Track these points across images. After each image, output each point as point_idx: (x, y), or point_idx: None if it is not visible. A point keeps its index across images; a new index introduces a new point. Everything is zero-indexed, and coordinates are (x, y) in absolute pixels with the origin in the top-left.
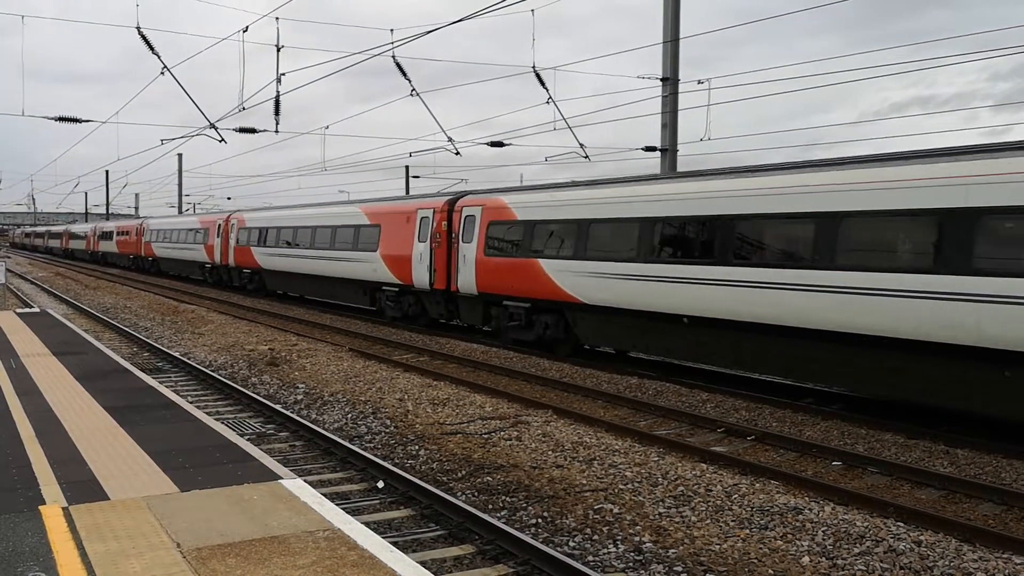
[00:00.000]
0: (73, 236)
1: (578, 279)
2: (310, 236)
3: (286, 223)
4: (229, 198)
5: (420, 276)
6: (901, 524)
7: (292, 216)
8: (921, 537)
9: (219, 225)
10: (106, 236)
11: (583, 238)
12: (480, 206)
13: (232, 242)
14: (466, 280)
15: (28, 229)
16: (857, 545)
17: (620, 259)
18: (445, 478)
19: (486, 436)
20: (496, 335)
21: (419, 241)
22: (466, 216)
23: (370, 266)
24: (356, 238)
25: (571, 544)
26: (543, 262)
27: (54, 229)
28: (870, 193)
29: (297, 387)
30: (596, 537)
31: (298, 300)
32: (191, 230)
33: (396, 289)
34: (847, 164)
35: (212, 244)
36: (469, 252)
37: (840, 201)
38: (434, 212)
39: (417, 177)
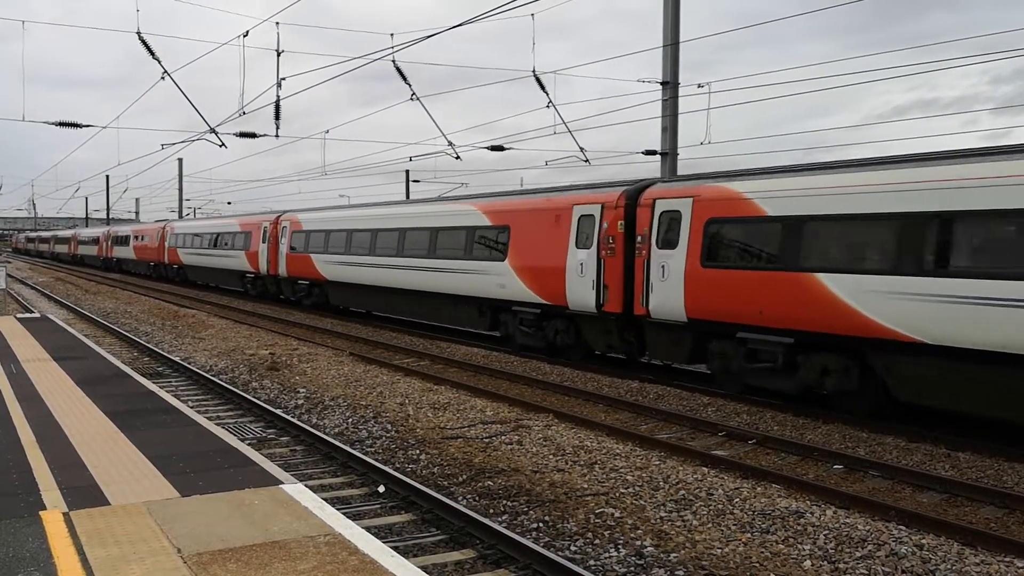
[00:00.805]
0: (83, 241)
1: (903, 305)
2: (397, 241)
3: (360, 225)
4: (229, 203)
5: (579, 294)
6: (903, 528)
7: (367, 217)
8: (923, 541)
9: (265, 228)
10: (121, 241)
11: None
12: (690, 197)
13: (283, 248)
14: (666, 301)
15: (32, 234)
16: (859, 549)
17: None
18: (446, 482)
19: (487, 440)
20: (714, 379)
21: (577, 247)
22: (662, 212)
23: (494, 279)
24: (470, 243)
25: (572, 548)
26: (825, 278)
27: (61, 233)
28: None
29: (298, 392)
30: (597, 541)
31: (299, 307)
32: (229, 234)
33: (537, 310)
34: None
35: (256, 251)
36: (673, 262)
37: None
38: (603, 208)
39: (417, 181)
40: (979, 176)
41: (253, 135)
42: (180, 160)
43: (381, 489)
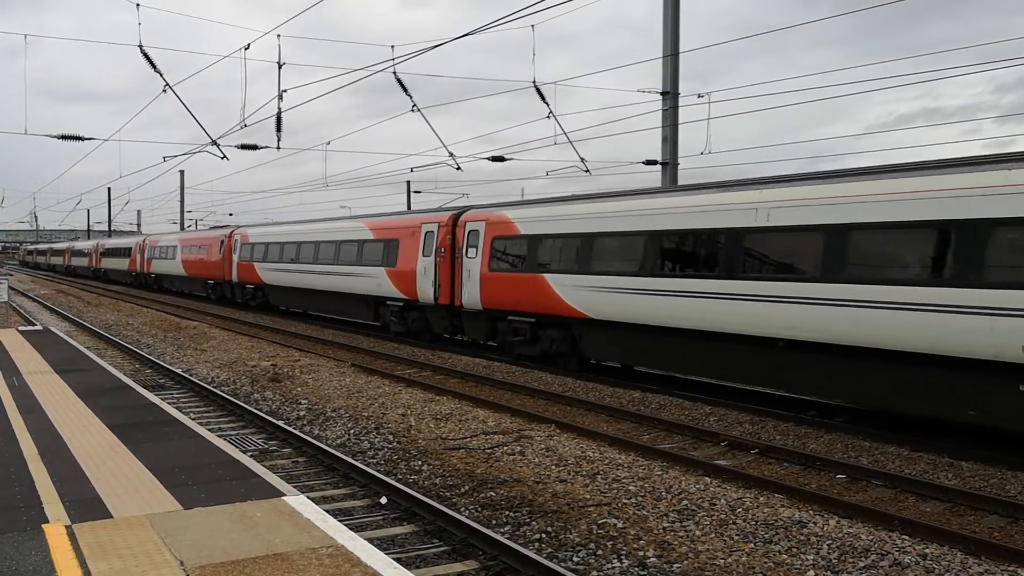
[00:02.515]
0: (108, 253)
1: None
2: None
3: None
4: (231, 214)
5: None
6: (906, 537)
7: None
8: (926, 550)
9: (428, 233)
10: (163, 253)
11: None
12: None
13: (475, 266)
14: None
15: (43, 246)
16: (862, 559)
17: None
18: (448, 493)
19: (489, 451)
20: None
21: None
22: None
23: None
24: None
25: (575, 559)
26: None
27: (78, 245)
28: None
29: (300, 403)
30: (600, 552)
31: (301, 316)
32: (356, 242)
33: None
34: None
35: (413, 268)
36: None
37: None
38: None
39: (419, 192)
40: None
41: (255, 147)
42: (182, 172)
43: (383, 500)
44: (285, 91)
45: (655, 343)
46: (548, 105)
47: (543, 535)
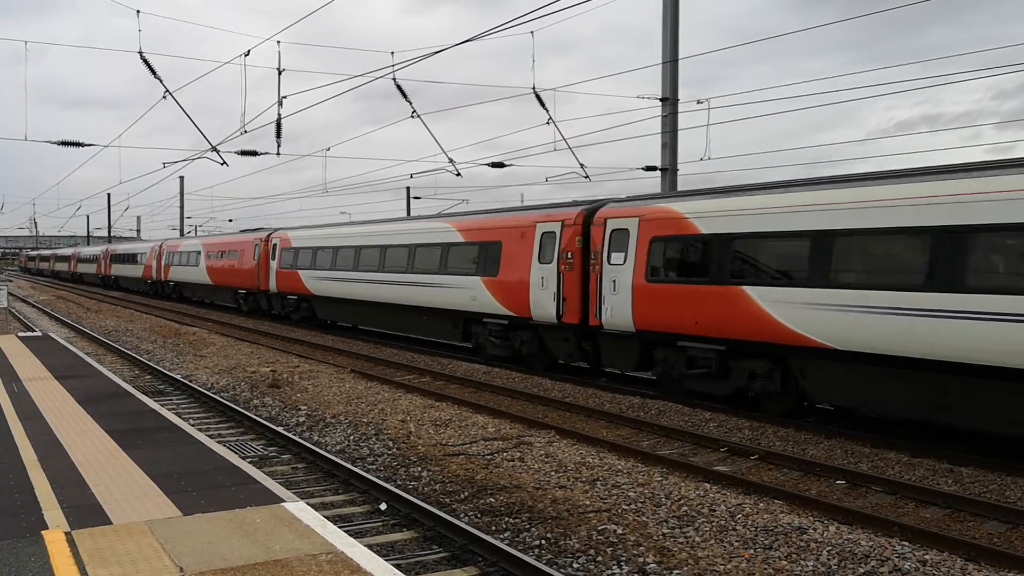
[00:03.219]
0: (118, 259)
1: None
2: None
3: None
4: (231, 220)
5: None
6: (906, 543)
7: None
8: (926, 556)
9: (547, 234)
10: (185, 259)
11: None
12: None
13: (624, 275)
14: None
15: (46, 251)
16: (862, 565)
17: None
18: (448, 500)
19: (489, 457)
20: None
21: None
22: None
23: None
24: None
25: (575, 565)
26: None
27: (85, 251)
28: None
29: (299, 409)
30: (600, 558)
31: (301, 322)
32: (439, 246)
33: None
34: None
35: (524, 277)
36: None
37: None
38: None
39: (418, 198)
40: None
41: (254, 153)
42: (181, 178)
43: (383, 507)
44: (285, 97)
45: (971, 389)
46: (548, 111)
47: (543, 541)
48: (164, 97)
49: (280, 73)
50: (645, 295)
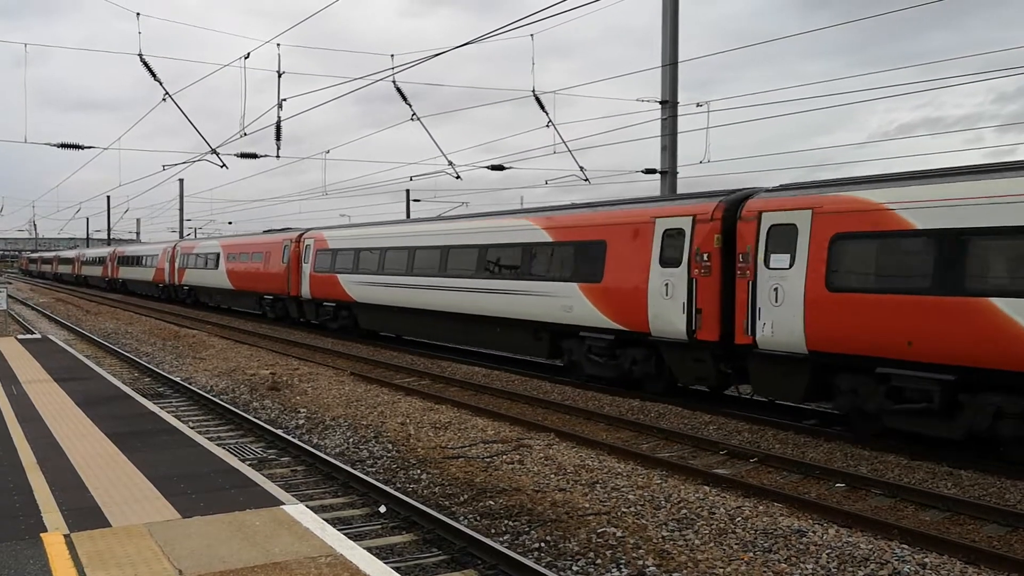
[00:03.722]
0: (129, 261)
1: None
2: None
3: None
4: (230, 222)
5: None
6: (905, 546)
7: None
8: (926, 559)
9: (671, 231)
10: (201, 262)
11: None
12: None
13: (791, 282)
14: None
15: (49, 254)
16: (861, 568)
17: None
18: (447, 502)
19: (488, 460)
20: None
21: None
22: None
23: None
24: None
25: (574, 568)
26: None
27: (90, 252)
28: None
29: (299, 411)
30: (599, 561)
31: (302, 325)
32: (520, 247)
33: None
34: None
35: (640, 283)
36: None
37: None
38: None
39: (418, 200)
40: None
41: (254, 156)
42: (181, 181)
43: (382, 509)
44: (285, 100)
45: None
46: (547, 114)
47: (542, 544)
48: (164, 100)
49: (280, 76)
50: (825, 308)
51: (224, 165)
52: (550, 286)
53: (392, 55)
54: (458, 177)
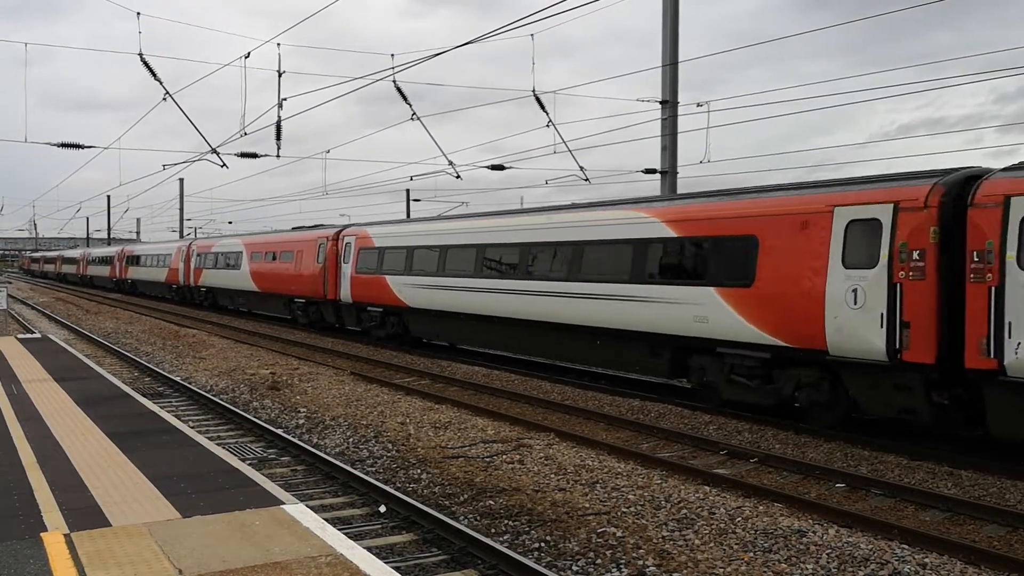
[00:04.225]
0: (138, 260)
1: None
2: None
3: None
4: (230, 222)
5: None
6: (906, 547)
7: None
8: (926, 560)
9: (857, 223)
10: (221, 261)
11: None
12: None
13: None
14: None
15: (52, 253)
16: (862, 568)
17: None
18: (447, 502)
19: (488, 459)
20: None
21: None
22: None
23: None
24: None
25: (574, 568)
26: None
27: (96, 251)
28: None
29: (299, 411)
30: (599, 561)
31: (297, 325)
32: (630, 243)
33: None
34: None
35: (809, 287)
36: None
37: None
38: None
39: (418, 200)
40: None
41: (254, 155)
42: (181, 180)
43: (382, 509)
44: (285, 99)
45: None
46: (548, 114)
47: (542, 544)
48: (164, 99)
49: (280, 75)
50: None
51: (224, 165)
52: (675, 291)
53: (392, 55)
54: (458, 177)
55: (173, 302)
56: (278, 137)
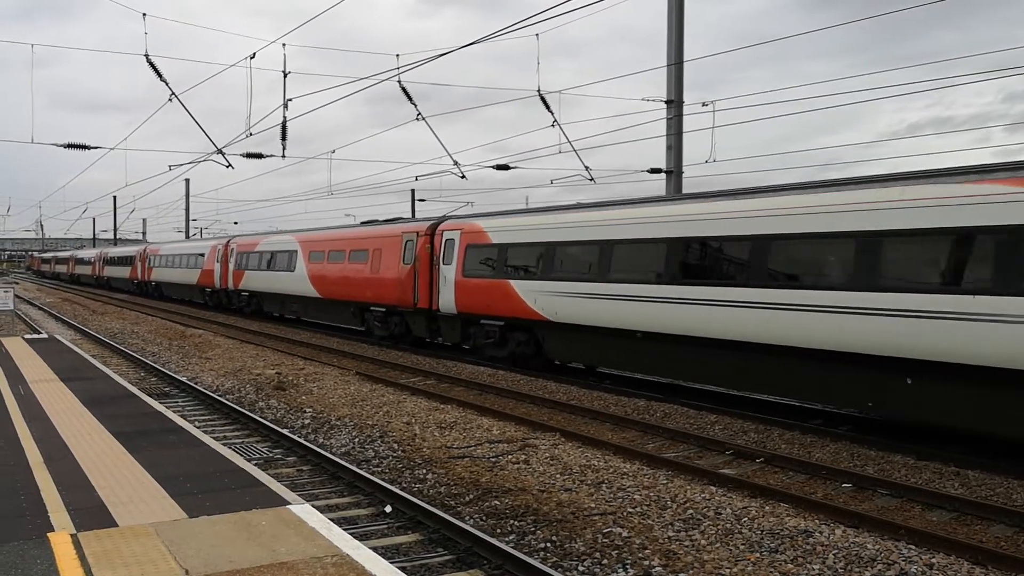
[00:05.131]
0: (162, 261)
1: None
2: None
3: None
4: (236, 222)
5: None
6: (912, 547)
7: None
8: (933, 560)
9: None
10: (267, 263)
11: None
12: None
13: None
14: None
15: (64, 253)
16: (868, 569)
17: None
18: (453, 502)
19: (494, 459)
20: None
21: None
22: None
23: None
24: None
25: (580, 569)
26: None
27: (113, 251)
28: None
29: (304, 411)
30: (605, 561)
31: (305, 324)
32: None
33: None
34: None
35: None
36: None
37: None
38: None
39: (423, 200)
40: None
41: (259, 156)
42: (187, 180)
43: (388, 509)
44: (290, 100)
45: None
46: (553, 114)
47: (548, 544)
48: (170, 100)
49: (285, 76)
50: None
51: (230, 165)
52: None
53: (398, 55)
54: (463, 177)
55: (211, 308)
56: (283, 137)
